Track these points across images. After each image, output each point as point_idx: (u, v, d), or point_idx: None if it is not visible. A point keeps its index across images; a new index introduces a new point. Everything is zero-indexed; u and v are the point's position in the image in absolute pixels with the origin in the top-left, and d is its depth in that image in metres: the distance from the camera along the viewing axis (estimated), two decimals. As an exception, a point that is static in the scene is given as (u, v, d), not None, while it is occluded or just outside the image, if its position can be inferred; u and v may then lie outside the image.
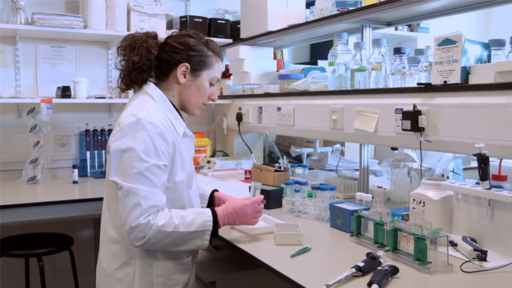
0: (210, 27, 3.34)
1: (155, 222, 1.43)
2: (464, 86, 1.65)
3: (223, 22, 3.39)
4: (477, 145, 1.46)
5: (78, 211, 2.45)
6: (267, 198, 2.09)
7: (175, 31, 1.71)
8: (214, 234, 1.55)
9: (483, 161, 1.47)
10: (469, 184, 1.61)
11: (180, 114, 1.68)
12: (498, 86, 1.54)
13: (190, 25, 3.22)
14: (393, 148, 2.37)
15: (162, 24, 3.15)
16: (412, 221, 1.47)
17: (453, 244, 1.52)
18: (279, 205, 2.18)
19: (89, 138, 3.09)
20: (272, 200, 2.15)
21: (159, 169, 1.48)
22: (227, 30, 3.39)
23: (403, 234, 1.45)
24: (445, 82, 1.69)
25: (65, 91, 2.91)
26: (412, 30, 3.45)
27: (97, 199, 2.36)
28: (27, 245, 2.55)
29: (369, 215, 1.62)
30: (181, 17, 3.27)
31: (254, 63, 3.04)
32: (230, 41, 3.33)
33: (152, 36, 1.64)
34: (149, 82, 1.65)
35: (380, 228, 1.54)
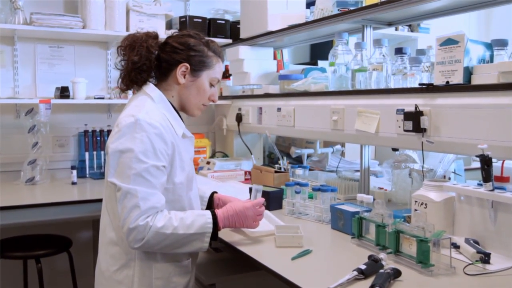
0: (210, 27, 3.32)
1: (154, 223, 1.42)
2: (466, 87, 1.63)
3: (223, 22, 3.37)
4: (480, 146, 1.44)
5: (76, 212, 2.43)
6: (267, 200, 2.06)
7: (175, 31, 1.70)
8: (214, 236, 1.53)
9: (486, 163, 1.45)
10: (471, 185, 1.59)
11: (179, 115, 1.66)
12: (502, 87, 1.52)
13: (189, 25, 3.20)
14: (394, 149, 2.35)
15: (161, 24, 3.13)
16: (415, 223, 1.45)
17: (455, 246, 1.50)
18: (279, 206, 2.16)
19: (88, 139, 3.07)
20: (272, 201, 2.13)
21: (157, 170, 1.47)
22: (226, 30, 3.37)
23: (405, 236, 1.44)
24: (447, 82, 1.67)
25: (63, 92, 2.89)
26: (412, 31, 3.45)
27: (96, 200, 2.34)
28: (25, 246, 2.53)
29: (370, 217, 1.60)
30: (180, 17, 3.26)
31: (254, 64, 3.03)
32: (229, 41, 3.32)
33: (152, 36, 1.62)
34: (148, 83, 1.64)
35: (382, 230, 1.52)
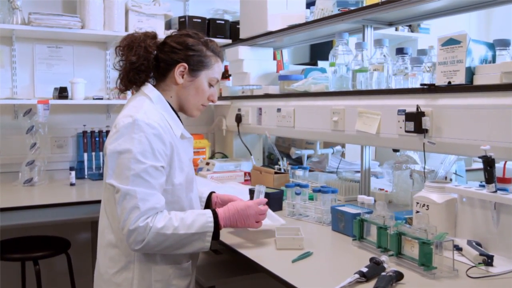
0: (209, 27, 3.31)
1: (154, 224, 1.40)
2: (469, 87, 1.61)
3: (222, 22, 3.36)
4: (483, 147, 1.43)
5: (75, 213, 2.42)
6: (268, 201, 2.05)
7: (174, 31, 1.68)
8: (215, 236, 1.51)
9: (489, 164, 1.43)
10: (473, 187, 1.58)
11: (178, 116, 1.65)
12: (504, 87, 1.50)
13: (189, 25, 3.19)
14: (395, 150, 2.34)
15: (160, 25, 3.12)
16: (417, 225, 1.44)
17: (458, 248, 1.49)
18: (279, 208, 2.15)
19: (86, 140, 3.05)
20: (273, 203, 2.11)
21: (156, 170, 1.45)
22: (226, 31, 3.36)
23: (407, 238, 1.42)
24: (449, 82, 1.66)
25: (62, 92, 2.88)
26: (412, 31, 3.44)
27: (95, 202, 2.32)
28: (23, 248, 2.51)
29: (372, 219, 1.58)
30: (179, 17, 3.24)
31: (254, 64, 3.01)
32: (229, 41, 3.31)
33: (150, 36, 1.61)
34: (147, 83, 1.62)
35: (383, 232, 1.50)
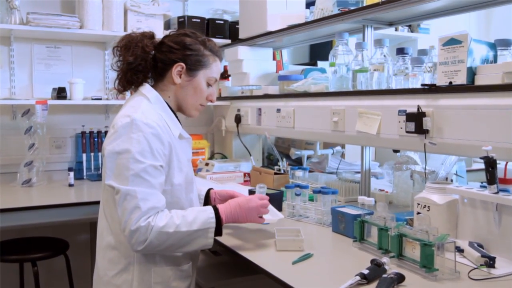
0: (208, 27, 3.29)
1: (155, 223, 1.39)
2: (470, 87, 1.60)
3: (222, 22, 3.34)
4: (485, 148, 1.41)
5: (74, 214, 2.40)
6: (267, 202, 2.05)
7: (172, 31, 1.67)
8: (218, 232, 1.50)
9: (490, 165, 1.42)
10: (475, 187, 1.57)
11: (176, 116, 1.64)
12: (506, 87, 1.49)
13: (188, 25, 3.18)
14: (395, 151, 2.33)
15: (159, 25, 3.10)
16: (418, 227, 1.43)
17: (459, 250, 1.47)
18: (279, 209, 2.12)
19: (85, 140, 3.04)
20: (273, 203, 2.09)
21: (155, 169, 1.44)
22: (225, 31, 3.34)
23: (408, 240, 1.41)
24: (450, 83, 1.65)
25: (60, 93, 2.86)
26: (412, 31, 3.43)
27: (94, 203, 2.31)
28: (21, 249, 2.50)
29: (372, 220, 1.57)
30: (179, 17, 3.23)
31: (253, 64, 3.00)
32: (228, 41, 3.29)
33: (148, 36, 1.60)
34: (145, 84, 1.61)
35: (384, 234, 1.49)
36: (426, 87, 1.75)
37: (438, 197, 1.60)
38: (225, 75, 3.31)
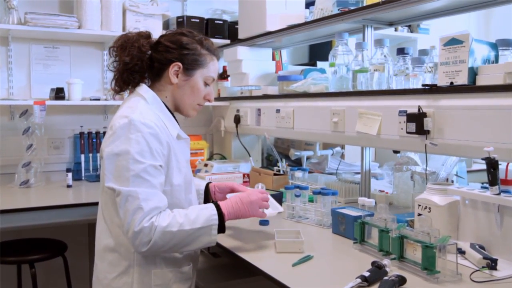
0: (208, 27, 3.28)
1: (159, 223, 1.37)
2: (471, 88, 1.59)
3: (221, 22, 3.33)
4: (486, 149, 1.40)
5: (72, 216, 2.38)
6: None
7: (169, 30, 1.65)
8: (221, 228, 1.48)
9: (492, 166, 1.41)
10: (476, 189, 1.56)
11: (174, 116, 1.62)
12: (508, 88, 1.48)
13: (187, 25, 3.16)
14: (395, 151, 2.32)
15: (158, 25, 3.09)
16: (419, 228, 1.41)
17: (461, 252, 1.46)
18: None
19: (83, 141, 3.02)
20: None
21: (155, 169, 1.43)
22: (224, 31, 3.33)
23: (409, 241, 1.40)
24: (451, 83, 1.63)
25: (59, 93, 2.85)
26: (412, 31, 3.42)
27: (92, 204, 2.30)
28: (19, 251, 2.48)
29: (373, 222, 1.56)
30: (178, 17, 3.21)
31: (253, 64, 2.99)
32: (227, 41, 3.28)
33: (144, 35, 1.58)
34: (141, 84, 1.60)
35: (385, 235, 1.48)
36: (427, 87, 1.74)
37: (439, 198, 1.59)
38: (224, 76, 3.30)
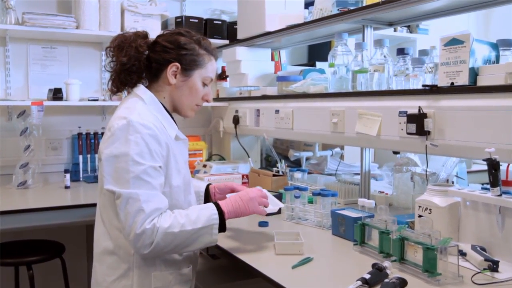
0: (206, 27, 3.27)
1: (160, 225, 1.36)
2: (472, 88, 1.58)
3: (220, 22, 3.32)
4: (488, 150, 1.39)
5: (70, 217, 2.36)
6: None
7: (166, 30, 1.64)
8: (222, 228, 1.47)
9: (493, 167, 1.40)
10: (477, 190, 1.54)
11: (172, 117, 1.61)
12: (509, 88, 1.47)
13: (185, 25, 3.14)
14: (395, 152, 2.30)
15: (157, 25, 3.08)
16: (420, 230, 1.40)
17: (462, 253, 1.45)
18: (278, 211, 2.10)
19: (81, 142, 3.00)
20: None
21: (155, 170, 1.42)
22: (223, 31, 3.31)
23: (410, 243, 1.38)
24: (452, 83, 1.62)
25: (56, 93, 2.83)
26: (411, 32, 3.41)
27: (90, 205, 2.28)
28: (17, 253, 2.46)
29: (373, 223, 1.55)
30: (176, 18, 3.20)
31: (251, 65, 2.97)
32: (226, 42, 3.27)
33: (141, 35, 1.57)
34: (139, 84, 1.58)
35: (385, 237, 1.46)
36: (427, 88, 1.73)
37: (440, 199, 1.57)
38: (223, 76, 3.28)
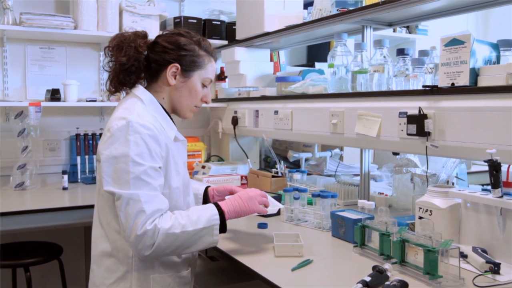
0: (205, 28, 3.26)
1: (161, 226, 1.35)
2: (473, 89, 1.57)
3: (218, 23, 3.31)
4: (489, 151, 1.38)
5: (67, 218, 2.35)
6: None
7: (166, 31, 1.62)
8: (223, 228, 1.46)
9: (495, 168, 1.39)
10: (478, 191, 1.53)
11: (171, 118, 1.60)
12: (510, 89, 1.46)
13: (184, 26, 3.13)
14: (395, 153, 2.29)
15: (155, 25, 3.06)
16: (421, 232, 1.39)
17: (463, 255, 1.44)
18: (277, 212, 2.09)
19: (79, 143, 2.98)
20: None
21: (155, 171, 1.41)
22: (222, 31, 3.30)
23: (410, 245, 1.37)
24: (452, 84, 1.61)
25: (54, 94, 2.81)
26: (410, 32, 3.40)
27: (88, 206, 2.27)
28: (14, 254, 2.44)
29: (374, 225, 1.53)
30: (175, 18, 3.19)
31: (250, 65, 2.96)
32: (225, 42, 3.26)
33: (141, 35, 1.55)
34: (138, 85, 1.57)
35: (386, 239, 1.45)
36: (427, 88, 1.72)
37: (441, 201, 1.56)
38: (221, 77, 3.27)
